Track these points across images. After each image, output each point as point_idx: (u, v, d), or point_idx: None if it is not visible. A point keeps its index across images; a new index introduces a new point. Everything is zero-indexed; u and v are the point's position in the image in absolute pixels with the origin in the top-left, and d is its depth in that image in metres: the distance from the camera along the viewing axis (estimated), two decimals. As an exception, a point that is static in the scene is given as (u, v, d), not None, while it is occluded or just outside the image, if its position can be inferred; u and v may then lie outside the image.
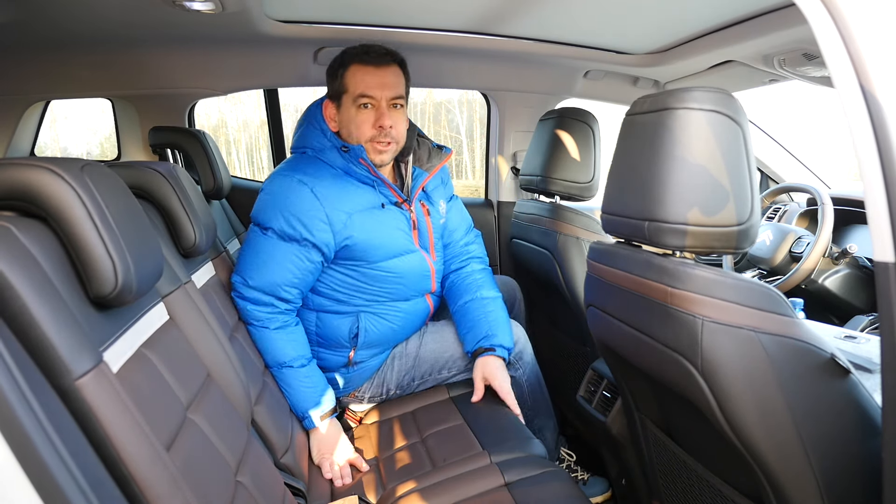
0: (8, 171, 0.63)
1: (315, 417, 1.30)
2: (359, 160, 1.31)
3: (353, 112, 1.31)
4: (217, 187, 1.64)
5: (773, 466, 0.74)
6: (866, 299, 1.51)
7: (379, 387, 1.47)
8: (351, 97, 1.30)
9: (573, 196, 1.58)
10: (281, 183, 1.30)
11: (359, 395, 1.47)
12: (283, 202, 1.28)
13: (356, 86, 1.29)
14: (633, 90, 1.97)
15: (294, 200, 1.27)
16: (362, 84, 1.29)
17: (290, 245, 1.28)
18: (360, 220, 1.31)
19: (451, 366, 1.47)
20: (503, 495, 1.03)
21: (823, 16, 0.60)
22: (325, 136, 1.34)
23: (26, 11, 1.23)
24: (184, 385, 0.82)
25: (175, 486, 0.65)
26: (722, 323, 0.73)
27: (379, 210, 1.34)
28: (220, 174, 1.65)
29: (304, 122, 1.39)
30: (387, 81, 1.30)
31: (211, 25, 1.41)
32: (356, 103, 1.30)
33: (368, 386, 1.46)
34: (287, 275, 1.29)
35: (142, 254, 0.73)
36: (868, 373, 0.90)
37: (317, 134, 1.35)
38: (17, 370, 0.50)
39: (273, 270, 1.29)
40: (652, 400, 1.04)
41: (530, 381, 1.50)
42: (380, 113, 1.30)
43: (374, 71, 1.29)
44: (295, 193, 1.27)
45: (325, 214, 1.27)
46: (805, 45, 1.29)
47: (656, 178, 0.78)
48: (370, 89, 1.28)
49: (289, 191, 1.28)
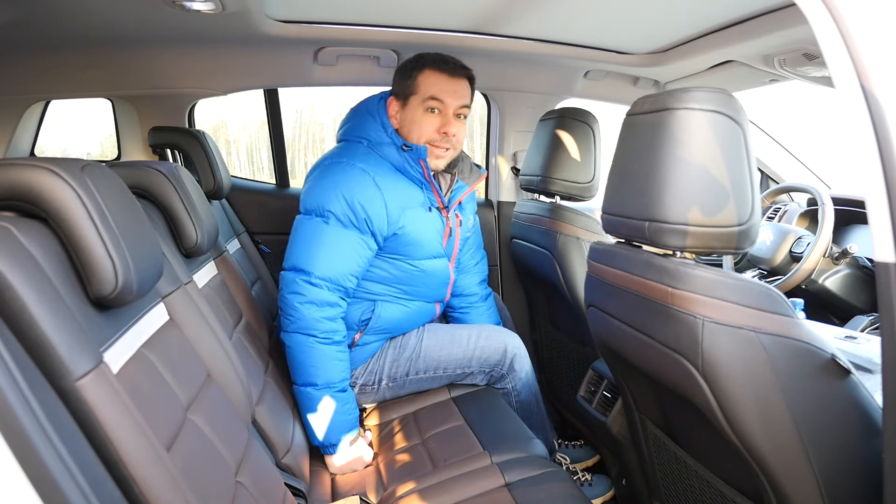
0: (8, 172, 0.63)
1: (345, 443, 1.28)
2: (418, 160, 1.35)
3: (420, 113, 1.34)
4: (217, 187, 1.64)
5: (774, 466, 0.74)
6: (866, 299, 1.51)
7: (371, 374, 1.47)
8: (420, 98, 1.34)
9: (573, 196, 1.58)
10: (342, 170, 1.31)
11: (351, 381, 1.46)
12: (345, 187, 1.28)
13: (429, 88, 1.33)
14: (633, 90, 1.96)
15: (356, 186, 1.28)
16: (435, 88, 1.33)
17: (353, 232, 1.29)
18: (411, 216, 1.35)
19: (447, 366, 1.47)
20: (503, 495, 1.03)
21: (824, 16, 0.60)
22: (386, 132, 1.36)
23: (26, 11, 1.23)
24: (184, 385, 0.82)
25: (175, 486, 0.65)
26: (722, 323, 0.73)
27: (426, 210, 1.39)
28: (219, 174, 1.65)
29: (362, 112, 1.40)
30: (458, 90, 1.35)
31: (211, 25, 1.41)
32: (425, 105, 1.34)
33: (362, 371, 1.46)
34: (352, 264, 1.29)
35: (142, 254, 0.73)
36: (868, 373, 0.90)
37: (376, 127, 1.37)
38: (17, 370, 0.50)
39: (341, 259, 1.27)
40: (652, 400, 1.04)
41: (521, 394, 1.51)
42: (446, 119, 1.35)
43: (448, 79, 1.34)
44: (357, 180, 1.29)
45: (383, 203, 1.30)
46: (805, 45, 1.29)
47: (657, 178, 0.78)
48: (443, 94, 1.33)
49: (351, 177, 1.29)
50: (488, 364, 1.47)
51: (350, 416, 1.30)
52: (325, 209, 1.29)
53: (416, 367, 1.46)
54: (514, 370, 1.49)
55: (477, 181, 1.49)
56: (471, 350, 1.46)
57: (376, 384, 1.47)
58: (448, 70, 1.34)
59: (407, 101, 1.36)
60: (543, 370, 1.93)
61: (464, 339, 1.47)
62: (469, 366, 1.46)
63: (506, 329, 1.57)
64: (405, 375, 1.47)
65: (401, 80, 1.38)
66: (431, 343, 1.47)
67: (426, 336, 1.49)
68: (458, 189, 1.46)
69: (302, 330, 1.27)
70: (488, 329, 1.51)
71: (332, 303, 1.28)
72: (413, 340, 1.48)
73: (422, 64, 1.35)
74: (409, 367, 1.46)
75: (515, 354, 1.49)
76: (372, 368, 1.47)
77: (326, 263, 1.27)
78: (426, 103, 1.33)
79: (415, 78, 1.34)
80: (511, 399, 1.51)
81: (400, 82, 1.38)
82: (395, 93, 1.39)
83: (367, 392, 1.48)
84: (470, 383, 1.52)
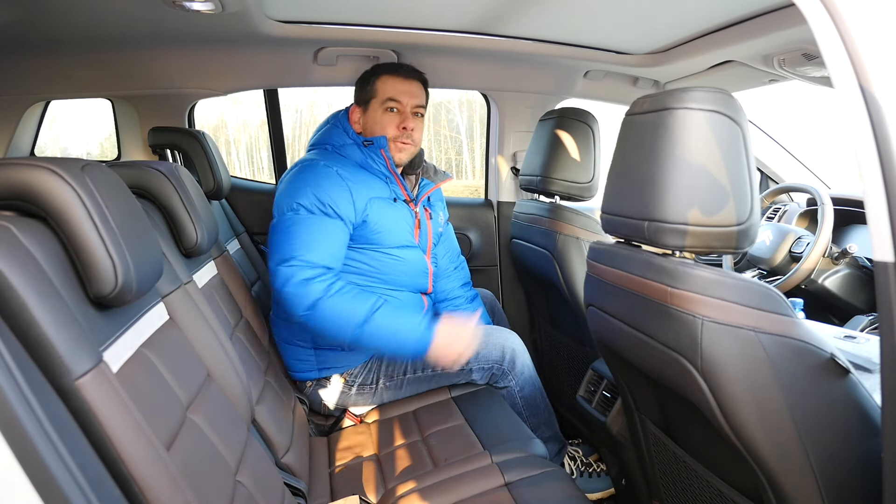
0: (8, 171, 0.63)
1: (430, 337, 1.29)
2: (380, 151, 1.45)
3: (380, 114, 1.47)
4: (217, 187, 1.64)
5: (773, 466, 0.74)
6: (866, 299, 1.51)
7: (370, 373, 1.48)
8: (379, 101, 1.47)
9: (573, 196, 1.59)
10: (307, 169, 1.40)
11: (349, 380, 1.47)
12: (311, 182, 1.36)
13: (386, 91, 1.47)
14: (633, 90, 1.97)
15: (321, 179, 1.37)
16: (392, 90, 1.47)
17: (323, 218, 1.35)
18: (376, 206, 1.42)
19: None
20: (503, 495, 1.03)
21: (823, 16, 0.60)
22: (347, 135, 1.49)
23: (27, 12, 1.23)
24: (184, 385, 0.82)
25: (175, 485, 0.65)
26: (722, 323, 0.73)
27: (391, 202, 1.47)
28: (219, 174, 1.65)
29: (327, 124, 1.54)
30: (413, 91, 1.49)
31: (211, 25, 1.41)
32: (384, 106, 1.47)
33: (360, 370, 1.48)
34: (330, 246, 1.34)
35: (142, 254, 0.73)
36: (868, 373, 0.90)
37: (339, 133, 1.50)
38: (17, 370, 0.50)
39: (326, 242, 1.33)
40: (652, 400, 1.04)
41: (525, 391, 1.51)
42: (404, 116, 1.47)
43: (402, 81, 1.48)
44: (321, 174, 1.38)
45: (349, 191, 1.38)
46: (805, 45, 1.29)
47: (656, 178, 0.78)
48: (398, 95, 1.47)
49: (315, 173, 1.38)
50: (487, 361, 1.47)
51: (407, 317, 1.32)
52: (294, 203, 1.35)
53: (413, 365, 1.47)
54: (515, 367, 1.49)
55: (443, 181, 1.61)
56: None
57: (374, 384, 1.48)
58: (402, 73, 1.49)
59: (368, 105, 1.49)
60: (543, 370, 1.93)
61: None
62: (466, 364, 1.46)
63: (503, 328, 1.57)
64: (402, 375, 1.47)
65: (361, 87, 1.52)
66: None
67: None
68: (425, 186, 1.57)
69: (310, 304, 1.28)
70: (486, 328, 1.51)
71: (320, 274, 1.30)
72: None
73: (378, 71, 1.50)
74: (406, 365, 1.47)
75: (514, 350, 1.48)
76: (370, 367, 1.48)
77: (315, 248, 1.31)
78: (385, 104, 1.46)
79: (373, 84, 1.48)
80: (515, 397, 1.50)
81: (360, 90, 1.52)
82: (356, 101, 1.53)
83: (364, 392, 1.48)
84: (469, 382, 1.51)
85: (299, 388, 1.51)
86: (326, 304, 1.28)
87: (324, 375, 1.47)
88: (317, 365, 1.47)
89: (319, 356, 1.47)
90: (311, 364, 1.47)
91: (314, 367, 1.47)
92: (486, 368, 1.48)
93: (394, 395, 1.50)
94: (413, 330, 1.30)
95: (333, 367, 1.46)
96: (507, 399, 1.50)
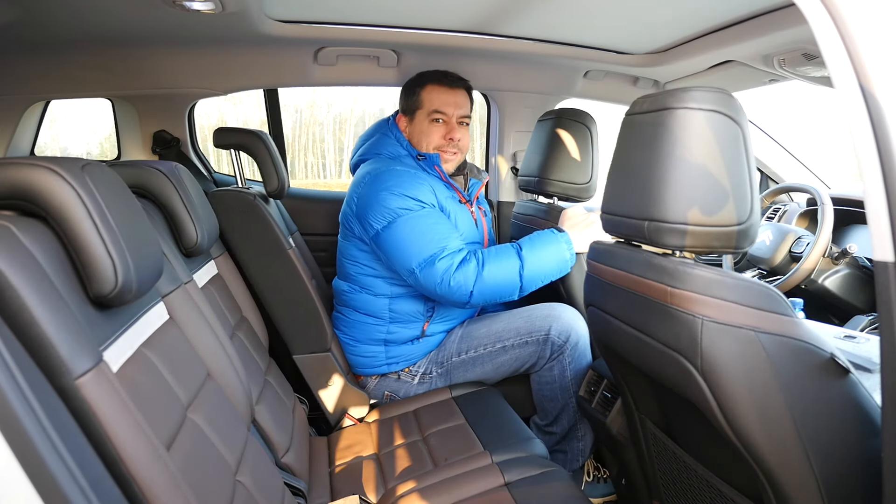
0: (8, 171, 0.63)
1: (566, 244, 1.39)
2: (433, 167, 1.50)
3: (427, 125, 1.51)
4: (280, 187, 1.64)
5: (773, 466, 0.74)
6: (866, 299, 1.51)
7: (430, 363, 1.53)
8: (425, 112, 1.51)
9: (571, 197, 1.59)
10: (387, 176, 1.42)
11: (413, 371, 1.53)
12: (399, 187, 1.39)
13: (432, 102, 1.50)
14: (633, 90, 1.96)
15: (406, 182, 1.40)
16: (438, 101, 1.50)
17: (436, 210, 1.41)
18: (449, 204, 1.49)
19: (487, 342, 1.48)
20: (503, 495, 1.03)
21: (823, 16, 0.60)
22: (401, 146, 1.53)
23: (27, 12, 1.23)
24: (184, 384, 0.82)
25: (174, 485, 0.65)
26: (722, 322, 0.73)
27: (458, 202, 1.54)
28: (283, 174, 1.65)
29: (376, 133, 1.57)
30: (458, 101, 1.52)
31: (211, 25, 1.41)
32: (430, 117, 1.50)
33: (423, 362, 1.53)
34: (455, 231, 1.41)
35: (142, 253, 0.73)
36: (868, 373, 0.90)
37: (391, 142, 1.53)
38: (17, 370, 0.50)
39: (448, 228, 1.40)
40: (652, 400, 1.04)
41: (579, 376, 1.45)
42: (450, 127, 1.51)
43: (448, 91, 1.51)
44: (404, 177, 1.42)
45: (431, 188, 1.44)
46: (805, 45, 1.29)
47: (656, 177, 0.78)
48: (444, 106, 1.50)
49: (398, 178, 1.41)
50: (536, 333, 1.44)
51: (540, 241, 1.40)
52: (396, 210, 1.38)
53: (459, 347, 1.51)
54: (575, 343, 1.44)
55: (487, 178, 1.67)
56: (514, 322, 1.47)
57: (431, 372, 1.53)
58: (447, 83, 1.51)
59: (414, 115, 1.52)
60: (543, 370, 1.93)
61: (507, 315, 1.51)
62: (508, 338, 1.46)
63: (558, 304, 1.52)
64: (450, 359, 1.51)
65: (406, 97, 1.54)
66: (488, 320, 1.53)
67: (477, 319, 1.56)
68: (474, 185, 1.63)
69: (473, 282, 1.34)
70: (536, 306, 1.50)
71: (466, 255, 1.37)
72: (464, 326, 1.55)
73: (424, 81, 1.52)
74: (455, 349, 1.51)
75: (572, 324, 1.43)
76: (431, 358, 1.54)
77: (440, 239, 1.36)
78: (431, 115, 1.50)
79: (419, 94, 1.51)
80: (566, 376, 1.45)
81: (405, 99, 1.55)
82: (402, 110, 1.56)
83: (424, 381, 1.54)
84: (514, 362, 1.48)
85: (361, 384, 1.57)
86: (485, 274, 1.34)
87: (392, 370, 1.53)
88: (385, 360, 1.53)
89: (389, 352, 1.52)
90: (380, 360, 1.53)
91: (382, 362, 1.53)
92: (534, 340, 1.45)
93: (445, 380, 1.54)
94: (553, 242, 1.39)
95: (401, 361, 1.53)
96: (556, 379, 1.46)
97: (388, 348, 1.52)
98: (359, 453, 1.32)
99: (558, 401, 1.48)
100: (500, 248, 1.39)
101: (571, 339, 1.43)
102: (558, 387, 1.47)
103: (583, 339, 1.45)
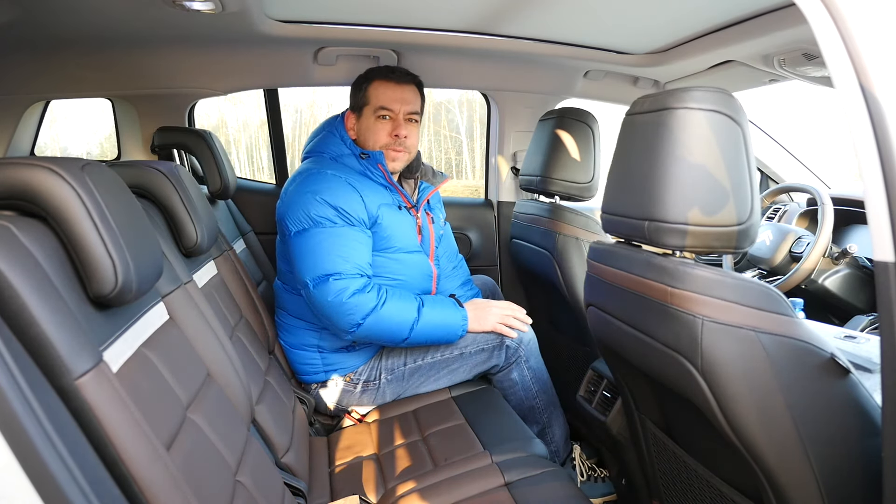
0: (8, 171, 0.63)
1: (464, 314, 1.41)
2: (377, 165, 1.44)
3: (373, 122, 1.45)
4: (224, 187, 1.63)
5: (773, 466, 0.74)
6: (866, 299, 1.51)
7: (373, 370, 1.49)
8: (372, 108, 1.45)
9: (573, 196, 1.59)
10: (316, 179, 1.38)
11: (354, 379, 1.49)
12: (323, 193, 1.35)
13: (378, 99, 1.44)
14: (633, 90, 1.97)
15: (333, 189, 1.36)
16: (384, 97, 1.44)
17: (346, 227, 1.36)
18: (385, 212, 1.43)
19: (444, 349, 1.47)
20: (503, 495, 1.03)
21: (823, 16, 0.60)
22: (345, 144, 1.47)
23: (27, 12, 1.23)
24: (184, 384, 0.82)
25: (174, 485, 0.65)
26: (722, 322, 0.73)
27: (397, 209, 1.47)
28: (226, 174, 1.65)
29: (323, 130, 1.51)
30: (405, 97, 1.46)
31: (211, 25, 1.41)
32: (376, 114, 1.45)
33: (364, 368, 1.49)
34: (368, 256, 1.38)
35: (142, 253, 0.73)
36: (868, 373, 0.90)
37: (335, 141, 1.48)
38: (17, 370, 0.50)
39: (361, 251, 1.36)
40: (652, 400, 1.04)
41: (536, 373, 1.51)
42: (397, 124, 1.45)
43: (394, 87, 1.45)
44: (331, 183, 1.37)
45: (360, 198, 1.39)
46: (805, 45, 1.29)
47: (656, 177, 0.78)
48: (390, 102, 1.44)
49: (328, 184, 1.37)
50: (484, 341, 1.46)
51: (442, 305, 1.41)
52: (314, 216, 1.34)
53: (411, 353, 1.48)
54: (526, 349, 1.48)
55: (441, 183, 1.61)
56: None
57: (377, 379, 1.49)
58: (395, 78, 1.45)
59: (361, 112, 1.47)
60: (543, 370, 1.93)
61: None
62: (460, 344, 1.46)
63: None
64: (402, 366, 1.48)
65: (354, 94, 1.49)
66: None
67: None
68: (424, 189, 1.58)
69: (366, 314, 1.32)
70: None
71: (368, 284, 1.35)
72: None
73: (370, 77, 1.47)
74: (404, 356, 1.49)
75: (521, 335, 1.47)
76: (372, 365, 1.49)
77: (346, 259, 1.33)
78: (377, 112, 1.44)
79: (365, 90, 1.46)
80: (527, 381, 1.49)
81: (353, 96, 1.49)
82: (350, 107, 1.51)
83: (369, 389, 1.49)
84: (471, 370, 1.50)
85: (305, 390, 1.52)
86: (381, 312, 1.32)
87: (329, 377, 1.48)
88: (322, 367, 1.48)
89: (325, 359, 1.48)
90: (317, 367, 1.49)
91: (320, 369, 1.49)
92: (483, 350, 1.47)
93: (397, 389, 1.50)
94: (454, 312, 1.39)
95: (339, 368, 1.48)
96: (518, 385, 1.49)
97: (323, 355, 1.48)
98: (359, 453, 1.32)
99: (523, 403, 1.50)
100: (404, 294, 1.38)
101: (524, 339, 1.48)
102: (520, 388, 1.50)
103: (530, 339, 1.50)
